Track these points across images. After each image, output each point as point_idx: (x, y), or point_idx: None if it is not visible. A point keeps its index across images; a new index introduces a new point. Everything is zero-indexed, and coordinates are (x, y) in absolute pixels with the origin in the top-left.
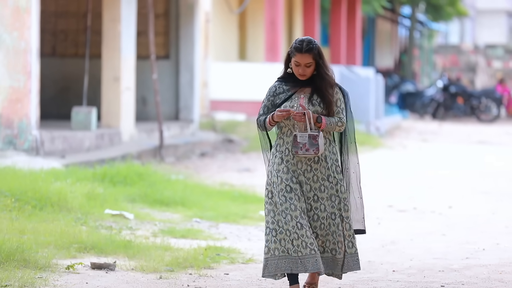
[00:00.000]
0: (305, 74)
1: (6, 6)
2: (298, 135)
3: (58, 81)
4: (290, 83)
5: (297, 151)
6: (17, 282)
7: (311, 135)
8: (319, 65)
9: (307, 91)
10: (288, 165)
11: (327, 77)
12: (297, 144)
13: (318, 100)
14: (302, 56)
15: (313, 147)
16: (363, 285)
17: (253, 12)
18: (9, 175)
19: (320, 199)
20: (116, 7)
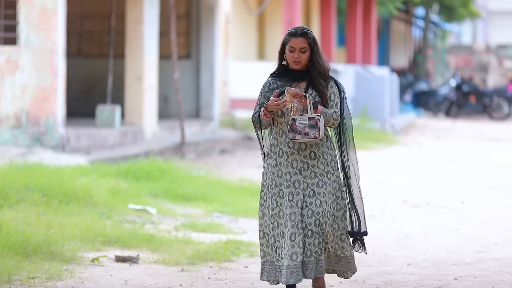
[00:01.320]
0: (300, 60)
1: (33, 8)
2: (298, 119)
3: (83, 80)
4: (284, 78)
5: (295, 135)
6: (44, 274)
7: (312, 118)
8: (313, 52)
9: (301, 86)
10: (282, 167)
11: (318, 66)
12: (296, 128)
13: (313, 94)
14: (296, 40)
15: (313, 130)
16: (378, 278)
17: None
18: (36, 171)
19: (316, 194)
20: (139, 8)
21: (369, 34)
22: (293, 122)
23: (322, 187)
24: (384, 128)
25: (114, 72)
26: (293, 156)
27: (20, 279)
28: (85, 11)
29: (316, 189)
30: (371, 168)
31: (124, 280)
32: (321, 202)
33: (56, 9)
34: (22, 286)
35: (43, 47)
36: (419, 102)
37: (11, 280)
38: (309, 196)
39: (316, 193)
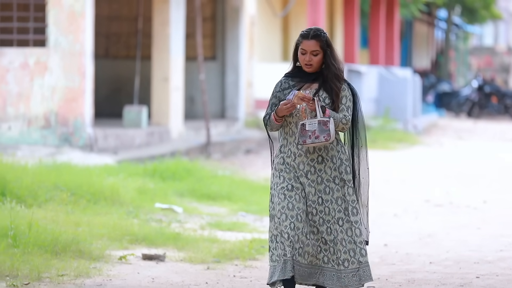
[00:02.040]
0: (312, 63)
1: (62, 10)
2: (307, 123)
3: (111, 82)
4: (297, 78)
5: (305, 140)
6: (72, 271)
7: (321, 121)
8: (326, 55)
9: (313, 87)
10: (290, 167)
11: (333, 68)
12: (305, 132)
13: (323, 96)
14: (308, 42)
15: (323, 133)
16: (401, 276)
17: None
18: (65, 170)
19: (324, 202)
20: (166, 11)
21: (392, 35)
22: (302, 127)
23: (329, 194)
24: (406, 128)
25: (141, 73)
26: (300, 158)
27: (49, 276)
28: (113, 14)
29: (324, 196)
30: (394, 168)
31: (151, 278)
32: (329, 209)
33: (84, 11)
34: (51, 283)
35: (72, 49)
36: (441, 103)
37: (41, 278)
38: (318, 203)
39: (324, 200)
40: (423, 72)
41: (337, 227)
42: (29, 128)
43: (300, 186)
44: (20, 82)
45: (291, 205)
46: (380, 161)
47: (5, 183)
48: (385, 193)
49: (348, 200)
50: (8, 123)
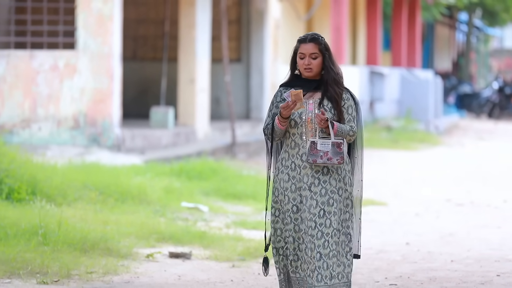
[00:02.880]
0: (311, 67)
1: (91, 14)
2: (319, 142)
3: (138, 83)
4: (298, 87)
5: (316, 160)
6: (101, 269)
7: (335, 143)
8: (325, 59)
9: (316, 96)
10: (295, 181)
11: (333, 73)
12: (317, 152)
13: (329, 105)
14: (306, 45)
15: (337, 156)
16: (423, 274)
17: (320, 18)
18: (93, 170)
19: (327, 214)
20: (192, 14)
21: (414, 38)
22: (313, 145)
23: (332, 205)
24: (428, 129)
25: (167, 75)
26: (305, 170)
27: (79, 273)
28: (140, 17)
29: (326, 208)
30: (416, 167)
31: (178, 275)
32: (331, 222)
33: (113, 15)
34: (80, 280)
35: (100, 51)
36: (462, 104)
37: (70, 275)
38: (319, 216)
39: (326, 212)
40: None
41: (336, 239)
42: (58, 128)
43: (301, 206)
44: (50, 84)
45: (297, 228)
46: (402, 161)
47: (35, 182)
48: (407, 193)
49: (349, 213)
50: (38, 124)
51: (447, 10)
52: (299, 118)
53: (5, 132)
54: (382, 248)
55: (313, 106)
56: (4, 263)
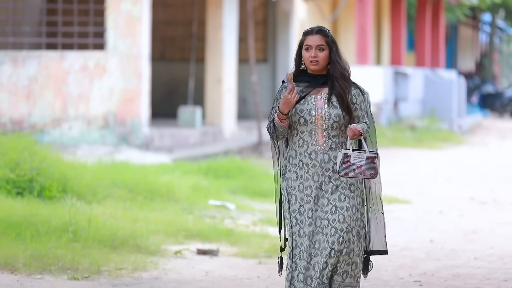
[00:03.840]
0: (317, 59)
1: (120, 15)
2: (353, 155)
3: (166, 83)
4: (303, 83)
5: (348, 173)
6: (130, 265)
7: (370, 157)
8: (332, 52)
9: (323, 92)
10: (303, 180)
11: (339, 66)
12: (350, 165)
13: (337, 102)
14: (313, 37)
15: (371, 170)
16: (446, 271)
17: (345, 19)
18: (123, 168)
19: (339, 209)
20: (219, 15)
21: (438, 38)
22: (346, 158)
23: (344, 201)
24: (452, 128)
25: (195, 75)
26: (314, 168)
27: (108, 270)
28: (168, 18)
29: (338, 204)
30: (440, 166)
31: (205, 271)
32: (344, 217)
33: (141, 16)
34: (110, 276)
35: (129, 52)
36: (485, 103)
37: (100, 271)
38: (331, 212)
39: (338, 208)
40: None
41: (350, 236)
42: (88, 128)
43: (308, 206)
44: (80, 84)
45: (302, 232)
46: (426, 160)
47: (66, 180)
48: (431, 191)
49: (360, 211)
50: (69, 123)
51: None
52: (309, 115)
53: (36, 131)
54: (406, 246)
55: (322, 102)
56: (36, 259)
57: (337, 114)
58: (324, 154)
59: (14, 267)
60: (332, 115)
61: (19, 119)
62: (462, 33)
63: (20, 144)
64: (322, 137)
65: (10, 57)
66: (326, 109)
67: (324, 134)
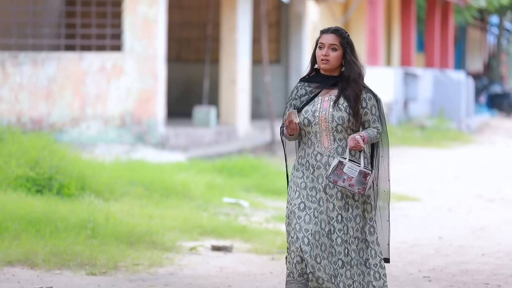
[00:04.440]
0: (328, 58)
1: (137, 18)
2: (347, 165)
3: (182, 84)
4: (314, 83)
5: (337, 181)
6: (146, 261)
7: (363, 172)
8: (347, 53)
9: (332, 93)
10: (308, 181)
11: (355, 67)
12: (341, 174)
13: (345, 104)
14: (327, 36)
15: (359, 185)
16: (455, 267)
17: (356, 21)
18: (139, 167)
19: (344, 219)
20: (233, 17)
21: (447, 40)
22: (339, 165)
23: (348, 211)
24: (460, 128)
25: (210, 76)
26: (319, 170)
27: (125, 265)
28: (184, 20)
29: (343, 214)
30: (448, 165)
31: (219, 267)
32: (348, 228)
33: (158, 18)
34: (127, 272)
35: (146, 53)
36: (493, 103)
37: (117, 266)
38: (337, 221)
39: (344, 218)
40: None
41: (354, 247)
42: (106, 127)
43: (312, 205)
44: (98, 84)
45: (298, 227)
46: (435, 158)
47: (84, 178)
48: (440, 189)
49: (366, 218)
50: (87, 123)
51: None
52: (313, 116)
53: (55, 130)
54: (416, 242)
55: (328, 104)
56: (55, 255)
57: (340, 116)
58: (330, 157)
59: (34, 262)
60: (336, 117)
61: (39, 118)
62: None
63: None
64: (328, 139)
65: (30, 58)
66: (330, 111)
67: (329, 136)
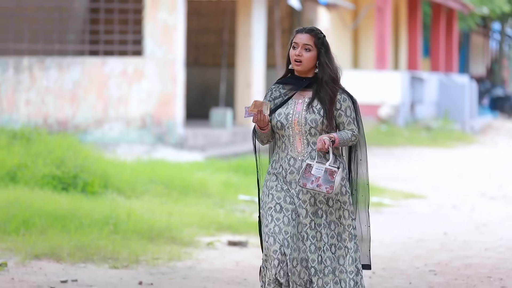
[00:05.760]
0: (301, 59)
1: (157, 24)
2: (314, 167)
3: (200, 87)
4: (288, 85)
5: (306, 183)
6: (166, 255)
7: (328, 170)
8: (321, 54)
9: (306, 95)
10: (282, 184)
11: (329, 70)
12: (309, 176)
13: (318, 107)
14: (301, 35)
15: (327, 184)
16: (459, 261)
17: (365, 27)
18: (159, 166)
19: (317, 226)
20: (248, 24)
21: (451, 45)
22: (308, 168)
23: (322, 217)
24: (464, 129)
25: (226, 79)
26: (292, 175)
27: (146, 259)
28: (201, 26)
29: (316, 220)
30: (453, 164)
31: (235, 261)
32: (321, 235)
33: (177, 25)
34: (147, 265)
35: (165, 58)
36: (496, 106)
37: (138, 260)
38: (310, 227)
39: (316, 224)
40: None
41: (329, 254)
42: (127, 128)
43: (290, 207)
44: (120, 87)
45: (278, 229)
46: (440, 158)
47: (107, 177)
48: (445, 187)
49: (343, 224)
50: (109, 124)
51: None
52: (286, 119)
53: (80, 131)
54: (422, 238)
55: (302, 106)
56: (79, 249)
57: (313, 119)
58: (303, 162)
59: (60, 256)
60: (308, 120)
61: (64, 120)
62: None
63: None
64: (301, 143)
65: (56, 63)
66: (303, 114)
67: (303, 140)
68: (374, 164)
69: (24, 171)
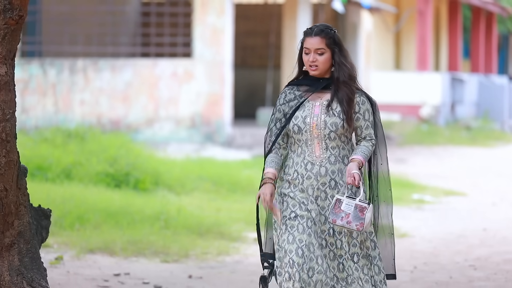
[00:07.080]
0: (316, 64)
1: (206, 27)
2: (344, 202)
3: (247, 87)
4: (303, 86)
5: (336, 220)
6: (215, 250)
7: (359, 206)
8: (335, 54)
9: (324, 97)
10: (296, 191)
11: (345, 68)
12: (339, 211)
13: (338, 109)
14: (311, 40)
15: (357, 221)
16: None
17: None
18: (208, 164)
19: (336, 234)
20: (294, 27)
21: (491, 47)
22: (337, 203)
23: None
24: (503, 128)
25: (272, 80)
26: (309, 180)
27: (195, 254)
28: (249, 29)
29: (335, 227)
30: (492, 162)
31: None
32: (342, 243)
33: (225, 28)
34: (197, 260)
35: (214, 60)
36: None
37: (188, 255)
38: (328, 234)
39: (336, 232)
40: None
41: (351, 263)
42: (177, 127)
43: (306, 214)
44: (170, 88)
45: (292, 237)
46: (480, 156)
47: (157, 174)
48: (484, 185)
49: (366, 232)
50: (160, 124)
51: None
52: (303, 123)
53: (132, 131)
54: (462, 233)
55: (320, 109)
56: (132, 244)
57: (333, 123)
58: (321, 167)
59: (113, 250)
60: (328, 123)
61: (117, 119)
62: None
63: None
64: (319, 148)
65: (109, 65)
66: (322, 117)
67: (321, 144)
68: (415, 162)
69: (78, 168)
